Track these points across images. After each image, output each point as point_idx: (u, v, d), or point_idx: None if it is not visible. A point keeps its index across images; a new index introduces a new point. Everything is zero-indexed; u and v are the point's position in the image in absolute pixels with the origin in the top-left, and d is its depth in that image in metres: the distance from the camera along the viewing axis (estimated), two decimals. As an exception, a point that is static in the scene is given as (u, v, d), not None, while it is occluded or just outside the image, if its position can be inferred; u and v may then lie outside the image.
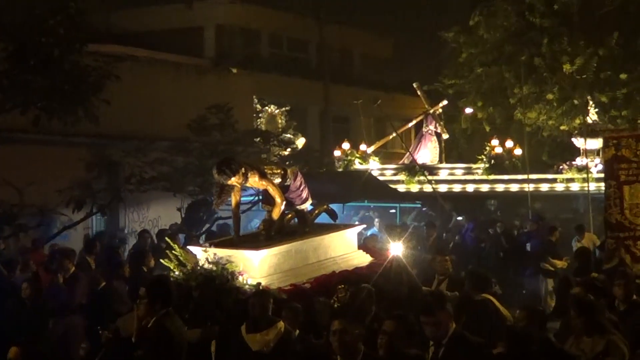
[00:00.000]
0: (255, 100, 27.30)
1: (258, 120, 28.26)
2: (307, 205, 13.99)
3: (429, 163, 30.57)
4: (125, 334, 10.28)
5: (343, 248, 14.26)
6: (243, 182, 12.42)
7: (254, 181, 12.62)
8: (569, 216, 26.49)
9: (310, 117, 38.95)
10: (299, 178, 13.65)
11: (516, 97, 31.81)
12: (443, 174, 29.67)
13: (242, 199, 13.46)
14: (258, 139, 24.94)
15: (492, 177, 28.36)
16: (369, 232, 23.71)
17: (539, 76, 32.33)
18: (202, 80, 30.02)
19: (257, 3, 37.17)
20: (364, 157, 30.58)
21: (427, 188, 27.75)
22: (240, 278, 11.82)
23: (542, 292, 20.03)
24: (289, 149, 25.23)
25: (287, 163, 21.07)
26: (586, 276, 14.09)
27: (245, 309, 10.41)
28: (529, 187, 26.28)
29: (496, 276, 13.86)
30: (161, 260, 12.91)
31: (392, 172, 29.97)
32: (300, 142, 29.88)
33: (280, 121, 27.85)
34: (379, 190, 27.03)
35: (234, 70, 32.77)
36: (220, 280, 11.68)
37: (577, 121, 31.70)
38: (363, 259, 14.38)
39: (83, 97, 18.25)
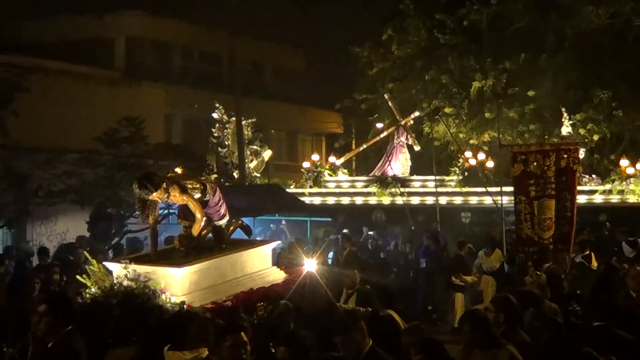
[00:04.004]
0: (223, 111, 27.05)
1: (225, 131, 28.08)
2: (224, 221, 13.91)
3: (400, 175, 30.64)
4: None
5: (259, 264, 14.21)
6: (164, 197, 12.19)
7: (175, 196, 12.35)
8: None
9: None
10: (218, 193, 13.49)
11: (424, 111, 32.08)
12: (415, 186, 29.51)
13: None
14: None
15: (465, 189, 28.07)
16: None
17: (448, 91, 32.78)
18: (112, 92, 29.74)
19: (168, 15, 36.96)
20: (333, 169, 30.69)
21: (399, 200, 27.96)
22: (163, 296, 11.59)
23: (454, 306, 20.24)
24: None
25: (203, 178, 20.99)
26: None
27: (168, 328, 10.20)
28: (438, 201, 26.59)
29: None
30: (77, 277, 12.56)
31: (363, 184, 30.03)
32: (267, 154, 29.89)
33: (247, 132, 27.65)
34: (291, 204, 27.06)
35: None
36: (142, 299, 11.39)
37: (487, 136, 32.27)
38: (278, 275, 14.37)
39: (-9, 109, 17.98)
